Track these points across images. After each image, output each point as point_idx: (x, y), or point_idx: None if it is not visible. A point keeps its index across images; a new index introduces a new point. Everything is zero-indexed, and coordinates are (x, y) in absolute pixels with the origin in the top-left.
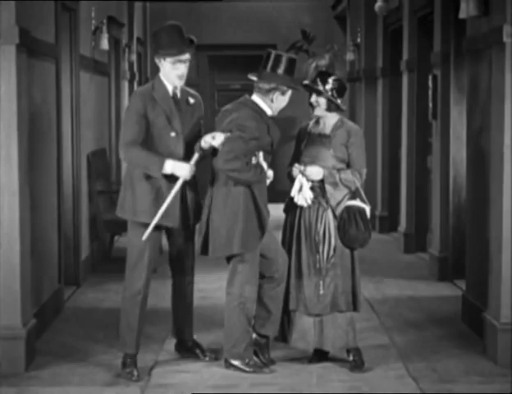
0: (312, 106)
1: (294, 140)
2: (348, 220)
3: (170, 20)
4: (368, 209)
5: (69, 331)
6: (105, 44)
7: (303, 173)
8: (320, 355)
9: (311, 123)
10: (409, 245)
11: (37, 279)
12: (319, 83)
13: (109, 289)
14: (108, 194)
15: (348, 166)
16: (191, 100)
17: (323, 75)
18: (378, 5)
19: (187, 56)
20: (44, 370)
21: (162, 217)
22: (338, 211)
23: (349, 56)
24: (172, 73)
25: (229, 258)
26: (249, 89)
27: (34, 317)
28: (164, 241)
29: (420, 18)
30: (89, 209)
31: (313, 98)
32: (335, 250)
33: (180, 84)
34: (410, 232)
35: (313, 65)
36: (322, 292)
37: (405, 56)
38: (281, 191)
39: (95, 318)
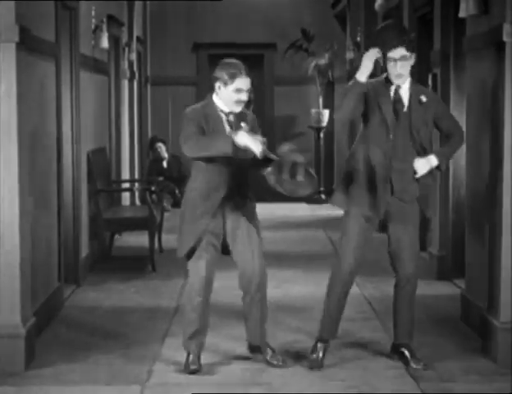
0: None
1: (294, 139)
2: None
3: (170, 18)
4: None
5: (69, 329)
6: (105, 43)
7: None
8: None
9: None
10: None
11: (37, 278)
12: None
13: (109, 288)
14: (108, 193)
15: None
16: (423, 98)
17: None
18: (378, 3)
19: None
20: (44, 369)
21: (369, 207)
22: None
23: (349, 55)
24: (397, 70)
25: None
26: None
27: (34, 315)
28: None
29: (420, 17)
30: (89, 208)
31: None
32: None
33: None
34: None
35: (313, 64)
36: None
37: None
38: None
39: (95, 316)
